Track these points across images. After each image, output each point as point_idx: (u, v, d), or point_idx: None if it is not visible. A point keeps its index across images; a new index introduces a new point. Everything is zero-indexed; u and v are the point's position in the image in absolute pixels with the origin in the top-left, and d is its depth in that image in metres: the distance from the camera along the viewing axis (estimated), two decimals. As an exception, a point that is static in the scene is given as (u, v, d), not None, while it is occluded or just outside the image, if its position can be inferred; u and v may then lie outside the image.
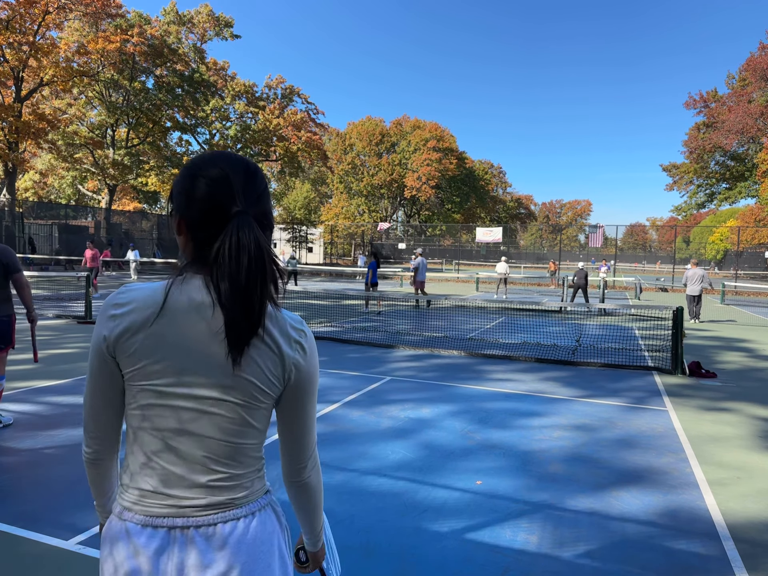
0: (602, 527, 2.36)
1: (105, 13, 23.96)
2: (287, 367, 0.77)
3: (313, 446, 0.84)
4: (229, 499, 0.75)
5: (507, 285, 14.92)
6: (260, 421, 0.78)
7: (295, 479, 0.84)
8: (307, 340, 0.80)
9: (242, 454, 0.77)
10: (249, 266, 0.70)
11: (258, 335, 0.73)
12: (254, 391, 0.74)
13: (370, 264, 10.95)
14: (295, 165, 34.03)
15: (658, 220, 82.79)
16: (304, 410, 0.81)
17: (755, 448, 3.48)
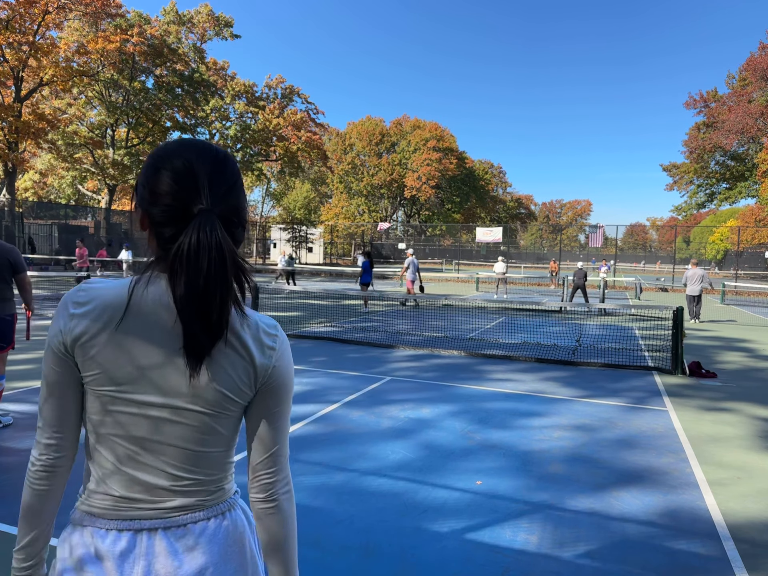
0: (602, 527, 2.35)
1: (105, 12, 23.95)
2: (259, 374, 0.72)
3: (284, 462, 0.77)
4: (198, 500, 0.73)
5: (507, 284, 14.94)
6: (228, 429, 0.74)
7: (262, 495, 0.75)
8: (281, 346, 0.75)
9: (210, 461, 0.73)
10: (209, 271, 0.65)
11: (227, 342, 0.69)
12: (222, 400, 0.70)
13: (363, 263, 10.96)
14: (294, 165, 34.02)
15: (658, 220, 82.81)
16: (276, 420, 0.75)
17: (755, 448, 3.48)
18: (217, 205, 0.69)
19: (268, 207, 58.66)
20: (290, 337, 7.23)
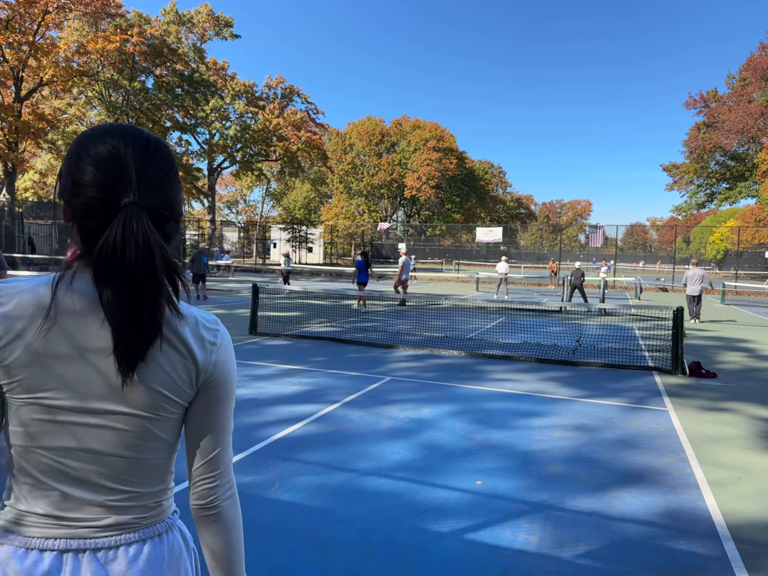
0: (602, 527, 2.35)
1: (105, 12, 23.95)
2: (201, 371, 0.68)
3: (227, 464, 0.73)
4: (135, 518, 0.67)
5: (507, 285, 14.97)
6: (169, 433, 0.69)
7: (203, 502, 0.71)
8: (222, 341, 0.72)
9: (150, 469, 0.68)
10: (136, 269, 0.60)
11: (164, 339, 0.65)
12: (161, 401, 0.66)
13: (358, 263, 10.94)
14: (294, 165, 34.04)
15: (659, 220, 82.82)
16: (218, 420, 0.72)
17: (755, 449, 3.48)
18: (146, 198, 0.63)
19: (268, 207, 58.72)
20: (290, 337, 7.23)
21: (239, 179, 40.50)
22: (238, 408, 3.93)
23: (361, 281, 10.92)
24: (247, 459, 2.99)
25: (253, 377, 4.91)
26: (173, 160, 0.69)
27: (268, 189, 54.88)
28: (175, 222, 0.68)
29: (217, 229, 32.78)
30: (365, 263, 10.93)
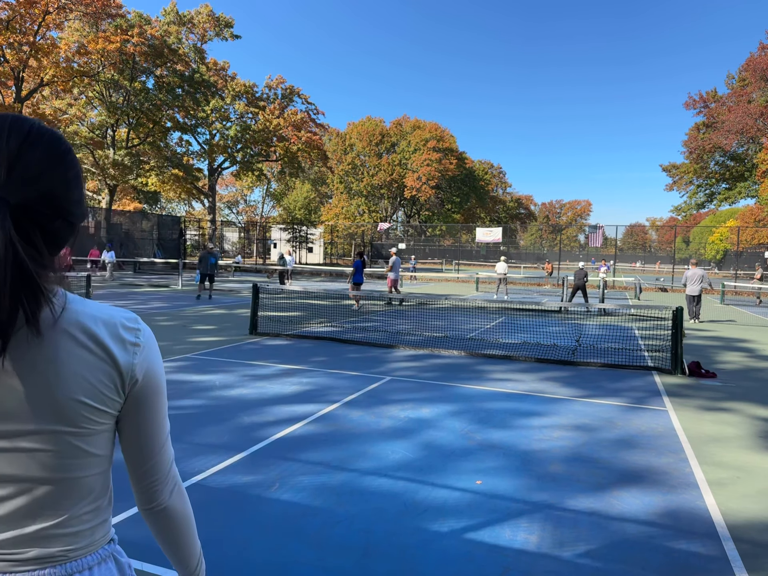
0: (602, 527, 2.36)
1: (105, 13, 23.96)
2: (125, 375, 0.64)
3: (168, 463, 0.71)
4: (62, 550, 0.62)
5: (507, 285, 14.99)
6: (101, 447, 0.64)
7: (150, 505, 0.69)
8: (145, 340, 0.68)
9: (81, 490, 0.63)
10: None
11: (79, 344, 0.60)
12: (86, 413, 0.61)
13: (355, 263, 10.96)
14: (295, 165, 34.05)
15: (658, 221, 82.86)
16: (152, 421, 0.68)
17: (755, 448, 3.48)
18: (15, 192, 0.56)
19: (268, 207, 58.72)
20: (290, 337, 7.24)
21: (239, 179, 40.50)
22: (238, 408, 3.94)
23: (357, 282, 10.95)
24: (248, 459, 2.99)
25: (254, 377, 4.91)
26: (66, 152, 0.62)
27: (269, 189, 54.89)
28: (63, 220, 0.61)
29: (218, 230, 32.76)
30: (362, 264, 10.96)
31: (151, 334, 0.70)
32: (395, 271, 11.93)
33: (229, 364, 5.38)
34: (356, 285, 10.96)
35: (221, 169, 34.38)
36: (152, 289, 14.40)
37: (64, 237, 0.63)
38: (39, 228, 0.59)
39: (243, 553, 2.07)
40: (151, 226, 27.59)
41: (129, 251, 24.59)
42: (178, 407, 3.91)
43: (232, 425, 3.55)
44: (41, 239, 0.59)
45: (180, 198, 42.02)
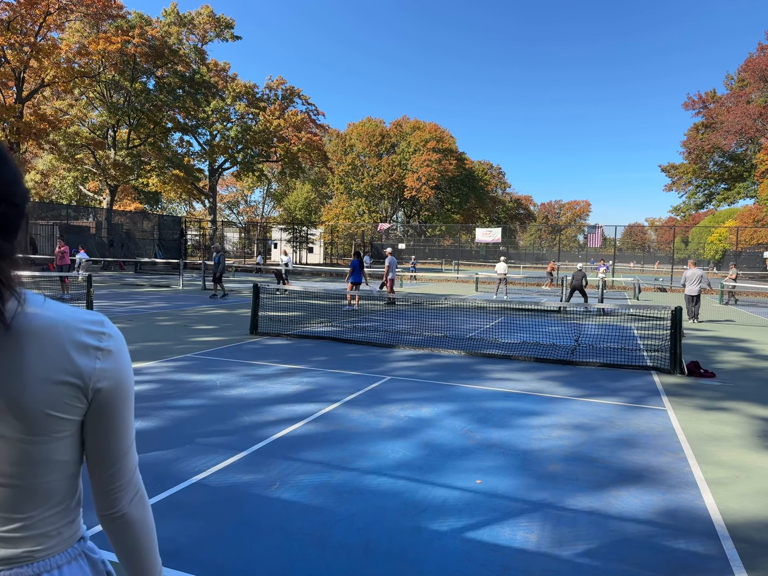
0: (601, 526, 2.36)
1: (106, 14, 24.00)
2: (87, 381, 0.62)
3: (131, 470, 0.69)
4: (27, 551, 0.62)
5: (507, 285, 15.02)
6: (63, 453, 0.63)
7: (110, 512, 0.68)
8: (110, 344, 0.65)
9: (45, 494, 0.62)
10: None
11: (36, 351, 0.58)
12: (45, 421, 0.60)
13: (353, 262, 10.97)
14: (295, 166, 34.08)
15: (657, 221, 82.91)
16: (116, 428, 0.66)
17: (754, 448, 3.49)
18: None
19: (268, 208, 58.73)
20: (291, 337, 7.24)
21: (240, 180, 40.52)
22: (239, 407, 3.95)
23: (355, 281, 10.96)
24: (248, 458, 3.00)
25: (254, 377, 4.92)
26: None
27: (269, 190, 54.91)
28: (6, 203, 0.58)
29: (219, 230, 32.78)
30: (359, 263, 10.98)
31: (118, 338, 0.67)
32: (392, 271, 11.95)
33: (229, 364, 5.39)
34: (354, 285, 10.98)
35: (222, 169, 34.40)
36: (153, 289, 14.41)
37: (14, 221, 0.60)
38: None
39: (243, 552, 2.08)
40: (152, 227, 27.60)
41: (130, 251, 24.60)
42: (179, 407, 3.92)
43: (232, 425, 3.56)
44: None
45: (181, 198, 42.05)
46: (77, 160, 25.77)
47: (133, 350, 5.95)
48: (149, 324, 8.04)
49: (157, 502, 2.45)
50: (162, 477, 2.71)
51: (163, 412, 3.76)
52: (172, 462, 2.91)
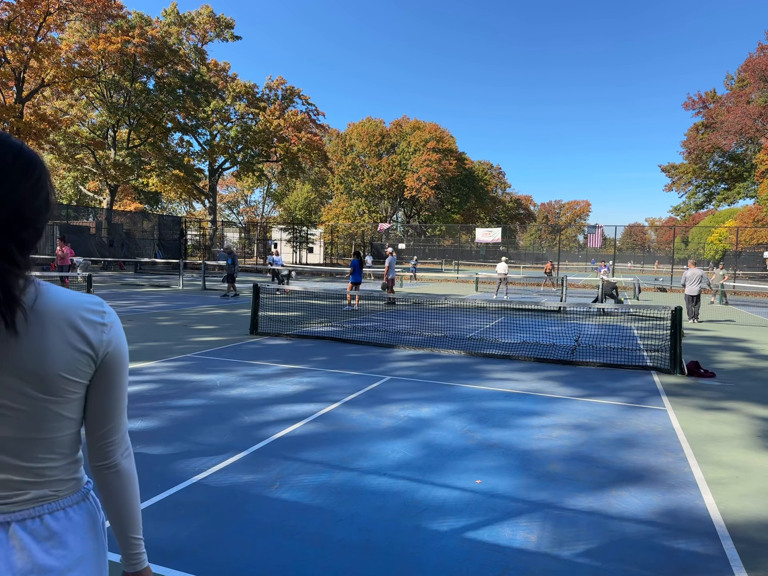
0: (601, 526, 2.36)
1: (106, 14, 24.00)
2: (97, 350, 0.75)
3: (123, 429, 0.82)
4: (53, 491, 0.75)
5: (507, 285, 15.04)
6: (74, 411, 0.76)
7: (103, 462, 0.80)
8: (111, 321, 0.78)
9: (60, 446, 0.76)
10: None
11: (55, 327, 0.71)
12: (63, 384, 0.73)
13: (353, 262, 10.97)
14: (295, 166, 34.07)
15: (657, 221, 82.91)
16: (115, 389, 0.80)
17: (754, 448, 3.49)
18: None
19: (268, 208, 58.73)
20: (291, 337, 7.25)
21: (240, 180, 40.51)
22: (239, 407, 3.95)
23: (355, 281, 10.95)
24: (248, 458, 3.00)
25: (254, 377, 4.92)
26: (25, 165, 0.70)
27: (269, 190, 54.91)
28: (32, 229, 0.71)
29: (219, 230, 32.79)
30: (359, 263, 10.98)
31: (115, 315, 0.81)
32: (392, 271, 11.96)
33: (229, 364, 5.39)
34: (354, 284, 10.98)
35: (222, 169, 34.40)
36: (153, 289, 14.41)
37: (32, 242, 0.72)
38: (12, 240, 0.68)
39: (244, 552, 2.08)
40: (152, 227, 27.60)
41: (130, 251, 24.60)
42: (179, 407, 3.92)
43: (232, 425, 3.56)
44: (15, 248, 0.68)
45: (181, 198, 42.05)
46: (77, 160, 25.77)
47: (133, 350, 5.94)
48: (149, 324, 8.03)
49: (157, 502, 2.45)
50: (162, 477, 2.71)
51: (163, 412, 3.76)
52: (172, 462, 2.91)
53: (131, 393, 4.25)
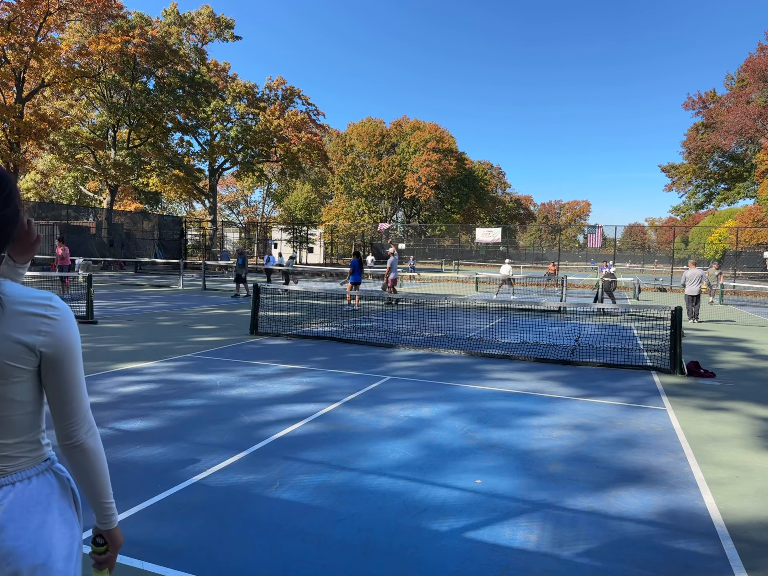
0: (601, 526, 2.36)
1: (106, 14, 24.01)
2: (35, 341, 0.83)
3: (83, 410, 0.90)
4: (1, 467, 0.84)
5: (513, 286, 15.08)
6: (22, 394, 0.85)
7: (68, 441, 0.88)
8: (57, 314, 0.86)
9: (10, 425, 0.84)
10: None
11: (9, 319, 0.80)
12: (7, 370, 0.81)
13: (352, 262, 10.96)
14: (295, 166, 34.07)
15: (657, 221, 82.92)
16: (66, 376, 0.87)
17: (754, 448, 3.49)
18: None
19: (269, 208, 58.73)
20: (291, 337, 7.24)
21: (240, 180, 40.52)
22: (239, 407, 3.95)
23: (355, 281, 10.95)
24: (248, 458, 3.00)
25: (254, 377, 4.92)
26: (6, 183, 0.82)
27: (269, 190, 54.91)
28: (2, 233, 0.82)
29: (219, 230, 32.79)
30: (360, 263, 10.99)
31: (64, 311, 0.89)
32: (394, 270, 11.95)
33: (229, 364, 5.39)
34: (354, 285, 10.98)
35: (222, 169, 34.40)
36: (153, 289, 14.41)
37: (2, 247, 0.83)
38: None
39: (244, 552, 2.08)
40: (152, 227, 27.60)
41: (130, 251, 24.60)
42: (179, 407, 3.92)
43: (232, 425, 3.56)
44: None
45: (181, 198, 42.05)
46: (77, 160, 25.77)
47: (133, 350, 5.95)
48: (149, 324, 8.03)
49: (157, 502, 2.45)
50: (162, 477, 2.71)
51: (163, 412, 3.76)
52: (172, 462, 2.91)
53: (131, 393, 4.24)
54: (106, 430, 3.38)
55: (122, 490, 2.55)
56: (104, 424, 3.49)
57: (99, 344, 6.22)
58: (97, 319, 8.18)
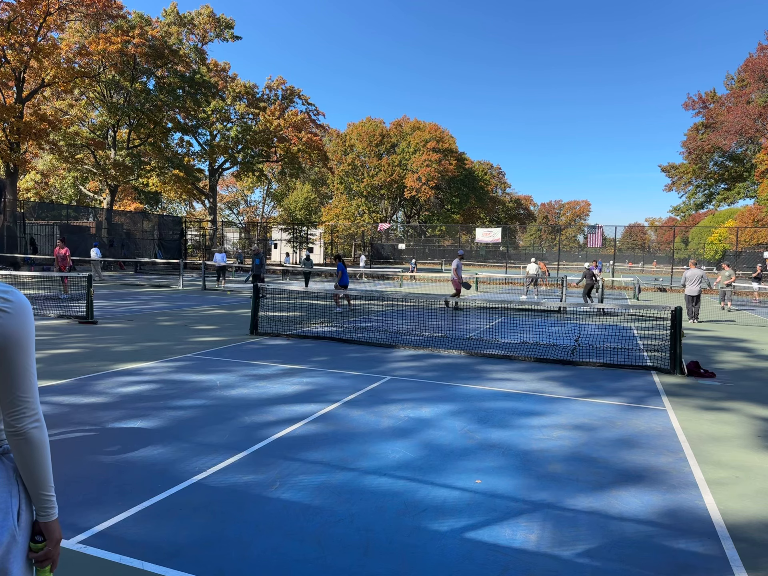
0: (601, 526, 2.36)
1: (106, 14, 24.00)
2: None
3: (30, 400, 0.93)
4: None
5: (537, 286, 15.11)
6: None
7: (11, 429, 0.92)
8: (10, 306, 0.90)
9: None
10: None
11: None
12: None
13: (339, 266, 10.98)
14: (295, 166, 34.08)
15: (657, 221, 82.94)
16: (14, 367, 0.91)
17: (754, 448, 3.49)
18: None
19: (269, 208, 58.73)
20: (291, 337, 7.24)
21: (240, 180, 40.51)
22: (239, 407, 3.95)
23: (343, 284, 10.95)
24: (248, 458, 3.00)
25: (254, 377, 4.92)
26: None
27: (269, 190, 54.92)
28: None
29: (219, 230, 32.78)
30: (344, 265, 11.04)
31: (21, 303, 0.92)
32: (459, 273, 11.80)
33: (229, 364, 5.39)
34: (343, 287, 10.99)
35: (222, 169, 34.40)
36: (153, 289, 14.41)
37: None
38: None
39: (244, 552, 2.08)
40: (152, 227, 27.60)
41: (130, 251, 24.61)
42: (179, 407, 3.92)
43: (232, 425, 3.56)
44: None
45: (181, 198, 42.05)
46: (77, 160, 25.77)
47: (133, 350, 5.95)
48: (149, 324, 8.03)
49: (157, 502, 2.44)
50: (162, 477, 2.71)
51: (163, 412, 3.76)
52: (172, 462, 2.91)
53: (131, 393, 4.24)
54: (106, 430, 3.38)
55: (122, 490, 2.55)
56: (104, 424, 3.49)
57: (99, 344, 6.22)
58: (97, 319, 8.17)
